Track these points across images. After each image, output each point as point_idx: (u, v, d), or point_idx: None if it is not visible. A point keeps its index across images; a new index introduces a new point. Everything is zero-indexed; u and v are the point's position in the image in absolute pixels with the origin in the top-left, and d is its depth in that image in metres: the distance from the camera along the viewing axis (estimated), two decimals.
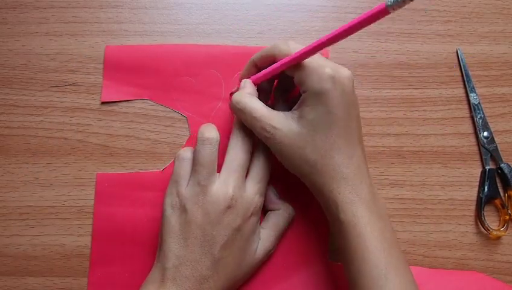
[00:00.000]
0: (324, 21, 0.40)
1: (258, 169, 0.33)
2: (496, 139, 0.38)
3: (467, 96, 0.39)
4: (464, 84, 0.39)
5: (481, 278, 0.36)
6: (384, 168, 0.38)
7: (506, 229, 0.37)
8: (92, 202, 0.37)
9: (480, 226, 0.37)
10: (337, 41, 0.27)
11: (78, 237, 0.36)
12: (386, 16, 0.40)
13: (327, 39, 0.27)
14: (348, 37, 0.39)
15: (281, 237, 0.35)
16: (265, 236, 0.33)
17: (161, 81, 0.38)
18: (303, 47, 0.29)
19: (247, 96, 0.32)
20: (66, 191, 0.37)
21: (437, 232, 0.37)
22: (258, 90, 0.34)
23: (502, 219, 0.38)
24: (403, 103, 0.39)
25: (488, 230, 0.37)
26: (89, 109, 0.38)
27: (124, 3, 0.40)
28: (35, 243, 0.36)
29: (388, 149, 0.38)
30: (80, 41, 0.39)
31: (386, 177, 0.38)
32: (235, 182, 0.31)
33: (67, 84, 0.38)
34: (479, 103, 0.39)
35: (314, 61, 0.30)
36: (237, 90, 0.36)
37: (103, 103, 0.38)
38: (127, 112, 0.38)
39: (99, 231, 0.36)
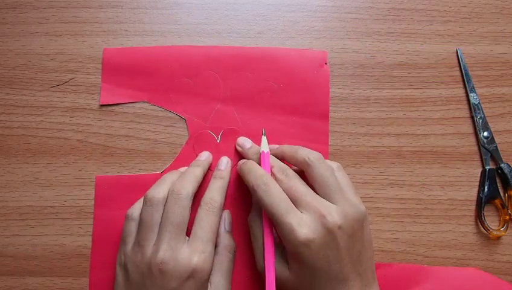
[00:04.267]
0: (324, 21, 0.40)
1: (198, 226, 0.31)
2: (496, 139, 0.38)
3: (467, 96, 0.39)
4: (464, 84, 0.39)
5: (481, 275, 0.36)
6: (384, 168, 0.38)
7: (506, 229, 0.37)
8: (92, 202, 0.37)
9: (480, 226, 0.37)
10: None
11: (78, 237, 0.36)
12: (386, 16, 0.40)
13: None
14: (348, 37, 0.40)
15: (232, 276, 0.34)
16: (216, 286, 0.32)
17: (159, 83, 0.38)
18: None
19: (259, 225, 0.32)
20: (66, 191, 0.37)
21: (437, 232, 0.37)
22: None
23: (502, 219, 0.38)
24: (403, 102, 0.39)
25: (488, 230, 0.37)
26: (89, 109, 0.38)
27: (124, 3, 0.40)
28: (35, 243, 0.36)
29: (388, 149, 0.38)
30: (80, 41, 0.39)
31: (386, 177, 0.38)
32: (166, 244, 0.30)
33: (67, 84, 0.38)
34: (479, 103, 0.39)
35: (291, 220, 0.29)
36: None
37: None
38: (127, 112, 0.38)
39: (100, 234, 0.36)
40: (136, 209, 0.33)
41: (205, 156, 0.36)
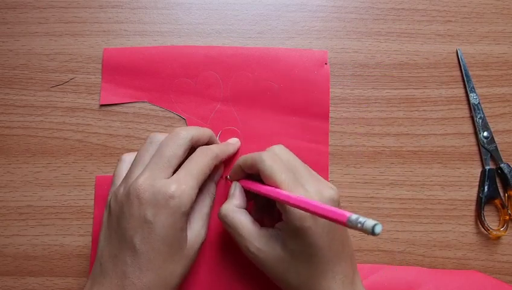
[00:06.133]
0: (324, 21, 0.40)
1: (188, 162, 0.31)
2: (495, 139, 0.38)
3: (467, 96, 0.39)
4: (464, 84, 0.39)
5: (481, 278, 0.36)
6: (384, 168, 0.38)
7: (506, 229, 0.37)
8: (92, 202, 0.37)
9: (480, 226, 0.37)
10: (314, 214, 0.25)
11: (78, 237, 0.36)
12: (386, 16, 0.40)
13: (308, 207, 0.25)
14: (348, 37, 0.40)
15: (209, 221, 0.34)
16: (196, 225, 0.32)
17: (159, 83, 0.38)
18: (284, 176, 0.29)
19: (235, 210, 0.31)
20: (66, 191, 0.37)
21: (437, 232, 0.37)
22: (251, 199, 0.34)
23: (502, 219, 0.38)
24: (403, 103, 0.39)
25: (488, 230, 0.37)
26: (89, 109, 0.38)
27: (124, 3, 0.40)
28: (35, 243, 0.36)
29: (388, 149, 0.38)
30: (80, 41, 0.39)
31: (386, 177, 0.38)
32: (149, 173, 0.29)
33: (67, 84, 0.38)
34: (479, 103, 0.39)
35: (300, 193, 0.28)
36: (230, 178, 0.35)
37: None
38: (127, 112, 0.38)
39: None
40: (130, 155, 0.33)
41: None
